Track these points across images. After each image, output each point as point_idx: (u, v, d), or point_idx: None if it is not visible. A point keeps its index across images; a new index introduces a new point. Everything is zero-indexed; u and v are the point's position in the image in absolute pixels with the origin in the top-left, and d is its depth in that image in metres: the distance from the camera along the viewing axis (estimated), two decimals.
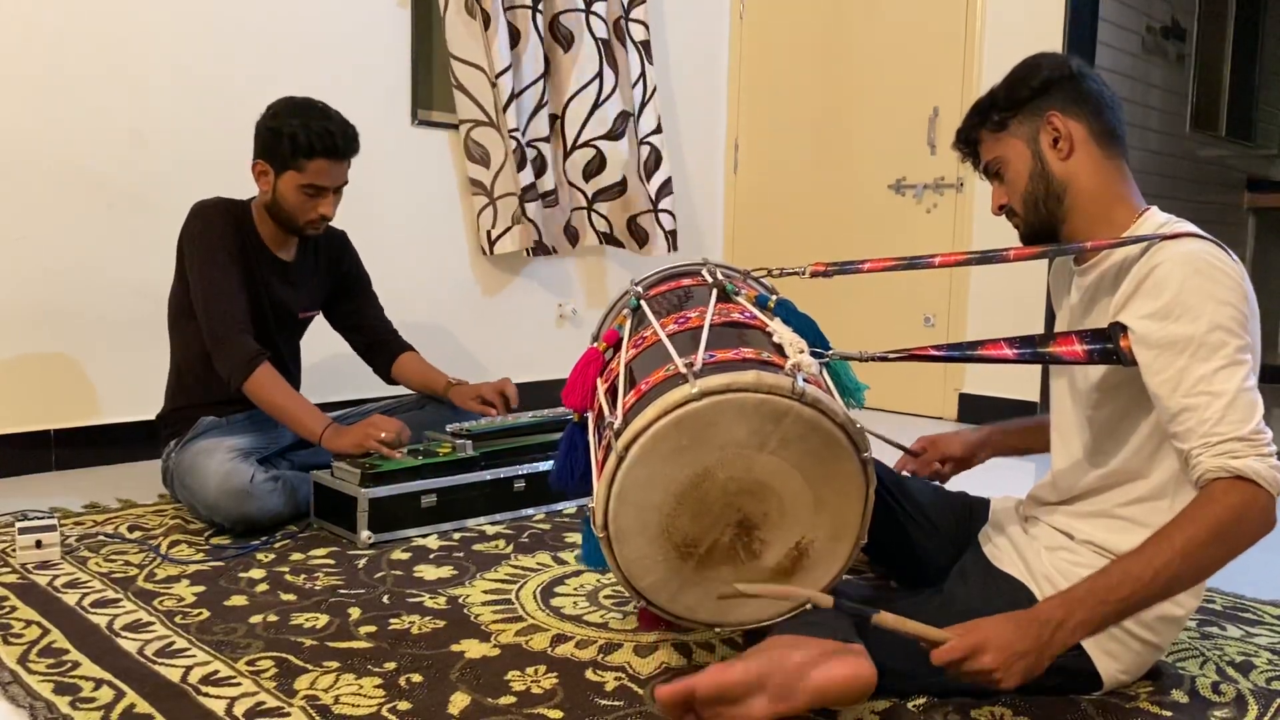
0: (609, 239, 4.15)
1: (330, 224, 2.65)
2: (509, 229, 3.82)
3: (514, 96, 3.73)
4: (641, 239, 4.16)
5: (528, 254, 3.87)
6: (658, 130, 4.16)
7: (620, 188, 4.11)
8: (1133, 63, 4.83)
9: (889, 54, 4.26)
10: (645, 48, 4.12)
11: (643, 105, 4.13)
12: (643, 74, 4.12)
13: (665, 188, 4.16)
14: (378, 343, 2.89)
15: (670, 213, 4.18)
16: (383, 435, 2.41)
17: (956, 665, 1.38)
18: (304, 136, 2.42)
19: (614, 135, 4.06)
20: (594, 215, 4.09)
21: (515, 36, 3.77)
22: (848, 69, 4.42)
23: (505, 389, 2.78)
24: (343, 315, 2.87)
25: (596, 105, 4.02)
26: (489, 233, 3.84)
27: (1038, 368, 3.65)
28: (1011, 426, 2.03)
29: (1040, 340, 1.54)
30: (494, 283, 4.02)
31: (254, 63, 3.27)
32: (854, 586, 1.99)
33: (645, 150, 4.13)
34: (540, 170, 3.86)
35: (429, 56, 3.76)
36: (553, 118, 3.96)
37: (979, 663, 1.37)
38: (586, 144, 4.01)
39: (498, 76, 3.68)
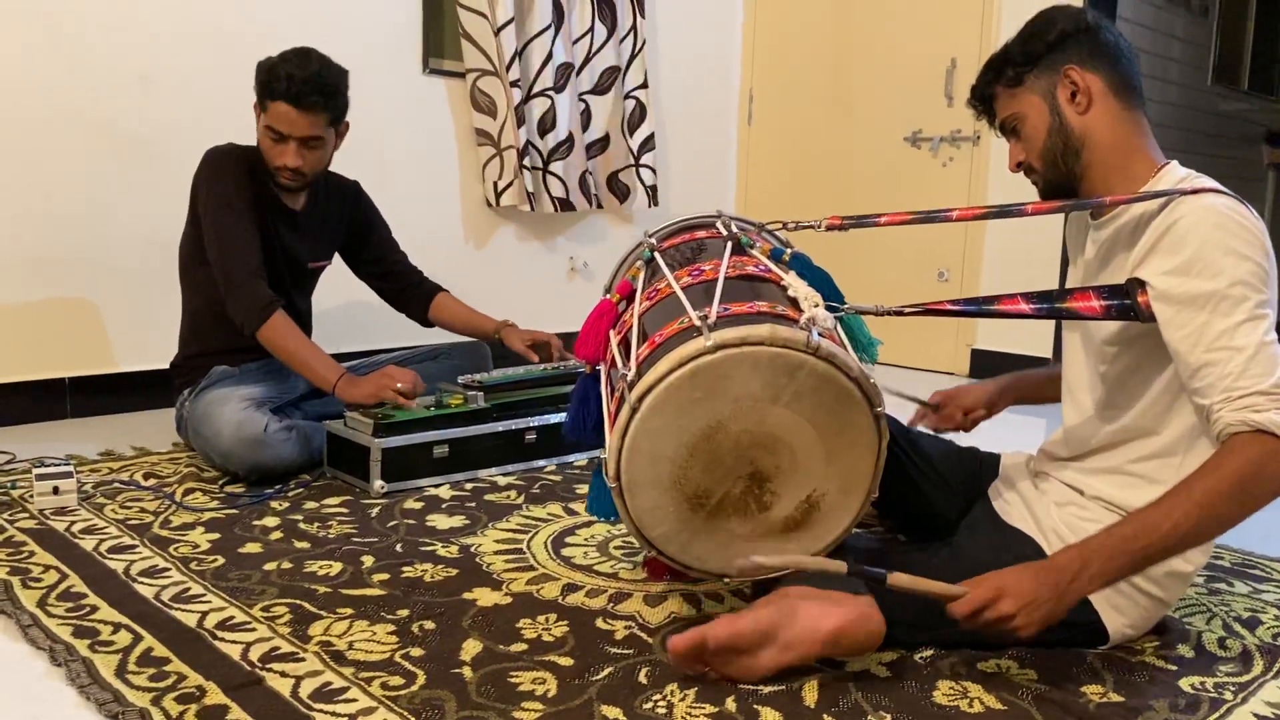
0: (578, 198, 4.05)
1: (342, 175, 2.63)
2: (513, 181, 3.80)
3: (520, 47, 3.69)
4: (622, 194, 4.16)
5: (531, 207, 3.85)
6: (644, 85, 4.13)
7: (604, 143, 4.10)
8: (1155, 14, 4.74)
9: (906, 4, 4.20)
10: (639, 1, 4.08)
11: (631, 59, 4.09)
12: (633, 27, 4.07)
13: (648, 143, 4.15)
14: (409, 287, 2.88)
15: (651, 168, 4.17)
16: (399, 385, 2.42)
17: (976, 615, 1.39)
18: (267, 78, 2.41)
19: (601, 90, 4.04)
20: (587, 174, 4.06)
21: None
22: (864, 19, 4.35)
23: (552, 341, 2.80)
24: (366, 264, 2.86)
25: (588, 59, 3.99)
26: (495, 184, 3.82)
27: (1051, 323, 3.64)
28: (1028, 376, 2.03)
29: (1057, 296, 1.53)
30: (505, 234, 4.00)
31: (265, 8, 3.24)
32: (863, 540, 2.00)
33: (630, 105, 4.11)
34: (549, 124, 3.83)
35: (440, 3, 3.71)
36: (564, 68, 3.92)
37: (999, 609, 1.38)
38: (578, 98, 3.99)
39: (501, 27, 3.64)
